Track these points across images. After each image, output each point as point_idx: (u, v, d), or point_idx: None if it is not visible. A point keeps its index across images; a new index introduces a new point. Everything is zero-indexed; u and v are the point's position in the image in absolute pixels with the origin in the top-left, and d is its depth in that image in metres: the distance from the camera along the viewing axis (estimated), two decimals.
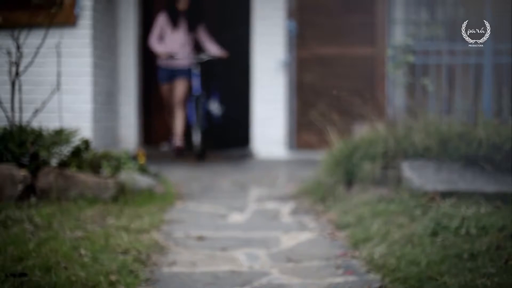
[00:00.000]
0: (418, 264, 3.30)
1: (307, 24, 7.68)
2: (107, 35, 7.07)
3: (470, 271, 3.17)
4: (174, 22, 7.37)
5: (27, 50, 5.19)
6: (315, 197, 5.18)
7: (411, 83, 6.23)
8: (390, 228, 3.99)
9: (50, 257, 3.30)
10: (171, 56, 7.26)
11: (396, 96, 6.43)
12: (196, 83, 7.33)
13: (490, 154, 4.91)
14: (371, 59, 7.57)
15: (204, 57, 7.41)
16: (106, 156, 5.19)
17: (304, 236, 4.17)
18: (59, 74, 5.43)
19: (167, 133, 8.58)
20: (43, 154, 4.85)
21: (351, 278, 3.30)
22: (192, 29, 7.46)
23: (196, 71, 7.36)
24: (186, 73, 7.40)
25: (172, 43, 7.34)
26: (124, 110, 7.62)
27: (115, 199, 4.80)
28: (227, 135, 8.56)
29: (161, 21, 7.34)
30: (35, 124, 5.09)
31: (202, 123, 7.29)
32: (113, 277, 3.09)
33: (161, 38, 7.33)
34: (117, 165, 5.16)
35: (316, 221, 4.58)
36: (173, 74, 7.42)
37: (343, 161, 5.21)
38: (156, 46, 7.30)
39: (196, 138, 7.28)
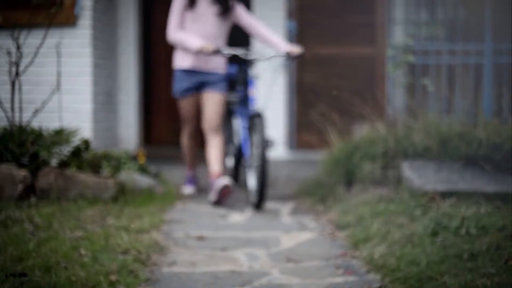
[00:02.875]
0: (418, 264, 3.30)
1: (307, 24, 7.68)
2: (107, 35, 7.07)
3: (470, 271, 3.17)
4: (196, 2, 5.20)
5: (27, 50, 5.19)
6: (315, 197, 5.18)
7: (411, 83, 6.24)
8: (390, 228, 3.99)
9: (50, 257, 3.30)
10: (217, 52, 5.01)
11: (396, 96, 6.43)
12: (253, 95, 5.29)
13: (490, 154, 4.91)
14: (371, 59, 7.58)
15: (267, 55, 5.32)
16: (106, 156, 5.19)
17: (304, 236, 4.17)
18: (59, 74, 5.43)
19: (167, 133, 8.56)
20: (43, 154, 4.85)
21: (351, 278, 3.30)
22: (225, 11, 5.21)
23: (253, 75, 5.34)
24: (221, 80, 5.26)
25: (198, 33, 5.18)
26: (124, 110, 7.62)
27: (115, 199, 4.80)
28: None
29: (181, 2, 5.19)
30: (35, 124, 5.09)
31: (262, 156, 4.83)
32: (113, 277, 3.09)
33: (181, 27, 5.20)
34: (117, 165, 5.16)
35: (316, 221, 4.58)
36: (200, 82, 5.24)
37: (343, 161, 5.21)
38: (185, 37, 5.10)
39: (250, 178, 5.09)
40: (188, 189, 5.60)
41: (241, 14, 5.22)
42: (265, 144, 4.80)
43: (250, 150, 5.11)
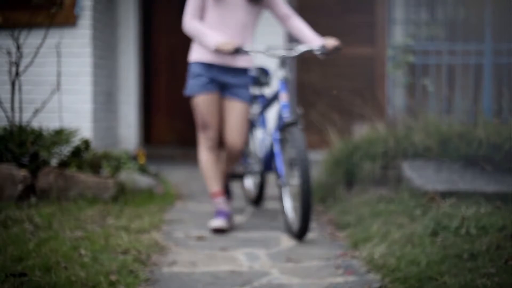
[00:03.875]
0: (418, 264, 3.30)
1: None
2: (107, 35, 7.07)
3: (470, 271, 3.17)
4: None
5: (27, 50, 5.20)
6: (315, 197, 5.18)
7: (411, 83, 6.24)
8: (390, 228, 3.99)
9: (50, 257, 3.30)
10: (238, 51, 4.09)
11: (396, 96, 6.43)
12: (286, 100, 4.23)
13: (490, 154, 4.91)
14: (371, 59, 7.58)
15: (301, 49, 4.30)
16: (106, 156, 5.20)
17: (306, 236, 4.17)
18: (59, 74, 5.43)
19: (167, 133, 8.57)
20: (43, 154, 4.85)
21: (351, 278, 3.30)
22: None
23: (286, 77, 4.28)
24: (247, 82, 4.34)
25: (221, 26, 4.23)
26: (124, 110, 7.62)
27: (115, 199, 4.80)
28: None
29: None
30: (35, 124, 5.10)
31: (304, 175, 3.87)
32: (113, 277, 3.09)
33: (200, 15, 4.24)
34: (117, 165, 5.16)
35: (316, 221, 4.58)
36: (222, 81, 4.28)
37: (343, 161, 5.21)
38: (201, 30, 4.17)
39: (287, 201, 4.20)
40: (217, 223, 4.21)
41: (275, 1, 4.38)
42: (307, 159, 3.82)
43: (283, 167, 4.17)
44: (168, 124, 8.59)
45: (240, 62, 4.23)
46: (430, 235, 3.80)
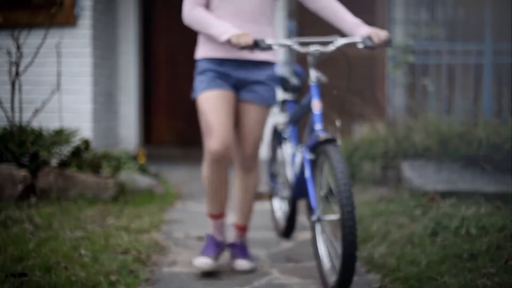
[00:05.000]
0: (418, 264, 3.30)
1: (307, 24, 7.67)
2: (107, 35, 7.07)
3: (470, 271, 3.17)
4: None
5: (27, 50, 5.20)
6: None
7: (411, 83, 6.24)
8: (390, 228, 3.99)
9: (50, 257, 3.30)
10: (256, 46, 3.14)
11: (396, 96, 6.43)
12: (319, 109, 3.27)
13: (490, 154, 4.91)
14: (371, 59, 7.58)
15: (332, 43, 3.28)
16: (106, 156, 5.20)
17: (304, 236, 4.16)
18: (59, 74, 5.43)
19: (167, 133, 8.57)
20: (43, 154, 4.85)
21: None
22: None
23: (319, 80, 3.35)
24: (270, 79, 3.39)
25: (233, 14, 3.28)
26: (124, 110, 7.62)
27: (115, 199, 4.81)
28: None
29: None
30: (35, 124, 5.10)
31: (346, 207, 2.89)
32: (113, 277, 3.09)
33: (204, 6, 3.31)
34: (117, 165, 5.17)
35: None
36: (237, 78, 3.33)
37: None
38: (207, 18, 3.23)
39: (321, 240, 3.24)
40: (202, 262, 3.37)
41: None
42: (349, 188, 2.89)
43: (317, 194, 3.21)
44: (168, 124, 8.59)
45: (261, 54, 3.31)
46: (430, 235, 3.80)
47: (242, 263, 3.46)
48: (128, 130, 7.64)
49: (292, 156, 3.76)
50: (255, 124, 3.38)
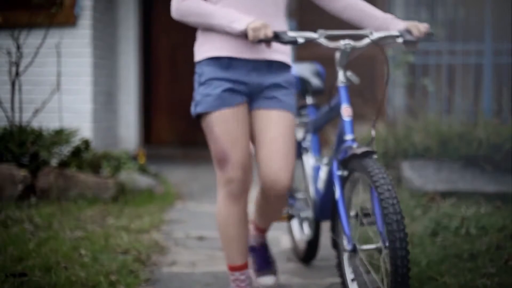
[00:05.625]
0: (418, 264, 3.29)
1: (307, 24, 7.67)
2: (107, 35, 7.07)
3: (470, 271, 3.17)
4: None
5: (27, 50, 5.20)
6: None
7: (411, 83, 6.24)
8: None
9: (50, 257, 3.30)
10: (274, 40, 2.55)
11: (396, 96, 6.43)
12: (349, 115, 2.81)
13: (490, 154, 4.91)
14: (371, 59, 7.58)
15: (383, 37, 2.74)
16: (106, 156, 5.20)
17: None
18: (59, 74, 5.43)
19: (167, 133, 8.57)
20: (43, 154, 4.85)
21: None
22: None
23: (349, 80, 2.84)
24: (290, 82, 2.77)
25: (241, 5, 2.64)
26: (124, 110, 7.62)
27: (115, 199, 4.81)
28: None
29: None
30: (35, 124, 5.10)
31: (401, 245, 2.34)
32: (113, 277, 3.09)
33: None
34: (117, 165, 5.17)
35: None
36: (251, 84, 2.69)
37: None
38: (205, 6, 2.62)
39: (352, 275, 2.81)
40: None
41: None
42: (399, 212, 2.37)
43: (347, 216, 2.68)
44: (168, 124, 8.59)
45: (277, 54, 2.69)
46: (430, 235, 3.80)
47: (266, 280, 3.06)
48: (128, 130, 7.64)
49: (315, 169, 3.30)
50: (281, 137, 2.65)
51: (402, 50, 6.10)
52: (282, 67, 2.73)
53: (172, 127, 8.59)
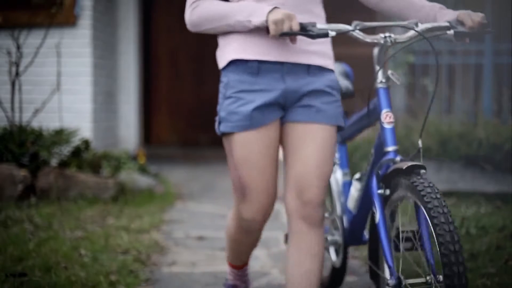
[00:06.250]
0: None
1: None
2: (107, 35, 7.07)
3: (470, 271, 3.16)
4: None
5: (27, 50, 5.20)
6: None
7: (411, 83, 6.24)
8: None
9: (50, 257, 3.30)
10: (306, 30, 2.12)
11: (396, 96, 6.43)
12: (391, 122, 2.39)
13: (490, 154, 4.91)
14: (371, 59, 7.58)
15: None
16: (106, 156, 5.20)
17: None
18: (59, 74, 5.43)
19: (167, 133, 8.57)
20: (43, 154, 4.85)
21: (351, 278, 3.29)
22: None
23: (391, 80, 2.39)
24: (335, 86, 2.31)
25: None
26: (124, 109, 7.62)
27: (115, 199, 4.81)
28: None
29: None
30: (35, 124, 5.10)
31: (459, 280, 1.91)
32: (113, 277, 3.09)
33: None
34: (117, 165, 5.17)
35: None
36: (286, 92, 2.22)
37: None
38: (222, 4, 2.23)
39: None
40: None
41: None
42: (456, 238, 1.97)
43: (389, 244, 2.27)
44: (168, 124, 8.59)
45: (316, 57, 2.27)
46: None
47: None
48: (128, 130, 7.64)
49: (344, 186, 2.97)
50: (318, 155, 2.23)
51: (402, 51, 6.09)
52: (323, 71, 2.28)
53: (172, 127, 8.59)
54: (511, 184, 4.71)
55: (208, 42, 8.22)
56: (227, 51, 2.25)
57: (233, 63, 2.23)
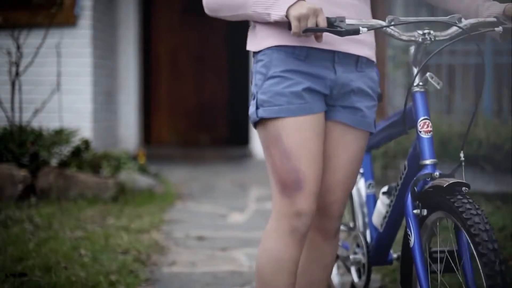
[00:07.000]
0: None
1: None
2: (107, 35, 7.07)
3: None
4: None
5: (27, 50, 5.19)
6: None
7: (411, 83, 6.23)
8: None
9: (50, 257, 3.30)
10: (335, 25, 1.85)
11: (396, 96, 6.43)
12: (429, 131, 2.14)
13: (490, 154, 4.91)
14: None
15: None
16: (106, 156, 5.20)
17: None
18: (59, 74, 5.43)
19: (167, 133, 8.57)
20: (43, 154, 4.85)
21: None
22: None
23: (428, 83, 2.18)
24: (376, 87, 2.17)
25: None
26: (124, 110, 7.62)
27: (115, 199, 4.80)
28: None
29: None
30: (35, 124, 5.10)
31: None
32: (113, 277, 3.09)
33: None
34: (117, 165, 5.17)
35: None
36: (332, 81, 1.97)
37: None
38: None
39: None
40: None
41: None
42: (503, 266, 1.83)
43: (426, 269, 2.07)
44: (168, 124, 8.59)
45: (366, 48, 2.13)
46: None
47: None
48: (128, 130, 7.64)
49: (369, 199, 2.70)
50: (348, 168, 2.06)
51: (402, 51, 6.08)
52: (369, 64, 2.12)
53: (172, 127, 8.59)
54: (511, 184, 4.71)
55: (208, 42, 8.22)
56: (268, 34, 1.94)
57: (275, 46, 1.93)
